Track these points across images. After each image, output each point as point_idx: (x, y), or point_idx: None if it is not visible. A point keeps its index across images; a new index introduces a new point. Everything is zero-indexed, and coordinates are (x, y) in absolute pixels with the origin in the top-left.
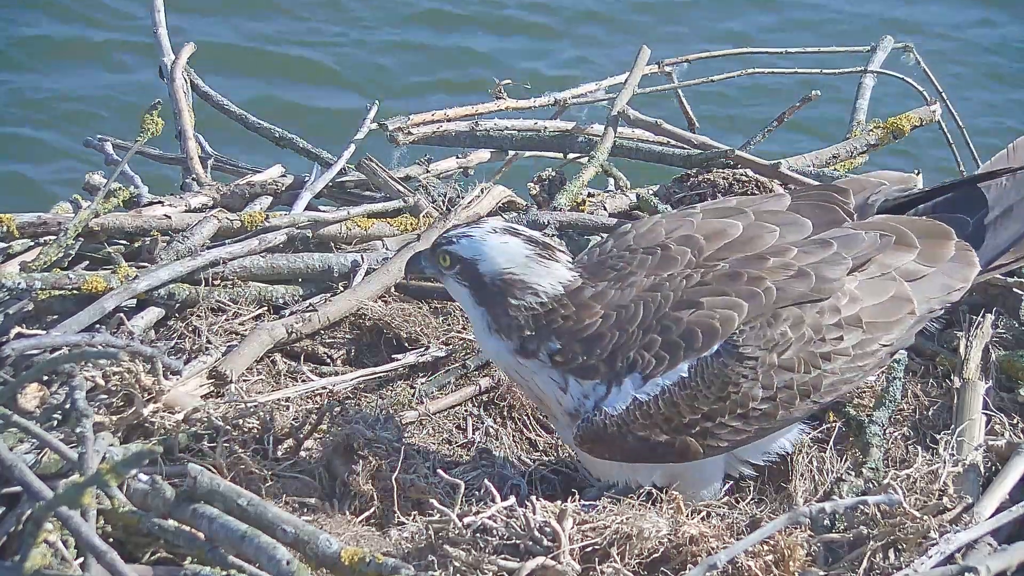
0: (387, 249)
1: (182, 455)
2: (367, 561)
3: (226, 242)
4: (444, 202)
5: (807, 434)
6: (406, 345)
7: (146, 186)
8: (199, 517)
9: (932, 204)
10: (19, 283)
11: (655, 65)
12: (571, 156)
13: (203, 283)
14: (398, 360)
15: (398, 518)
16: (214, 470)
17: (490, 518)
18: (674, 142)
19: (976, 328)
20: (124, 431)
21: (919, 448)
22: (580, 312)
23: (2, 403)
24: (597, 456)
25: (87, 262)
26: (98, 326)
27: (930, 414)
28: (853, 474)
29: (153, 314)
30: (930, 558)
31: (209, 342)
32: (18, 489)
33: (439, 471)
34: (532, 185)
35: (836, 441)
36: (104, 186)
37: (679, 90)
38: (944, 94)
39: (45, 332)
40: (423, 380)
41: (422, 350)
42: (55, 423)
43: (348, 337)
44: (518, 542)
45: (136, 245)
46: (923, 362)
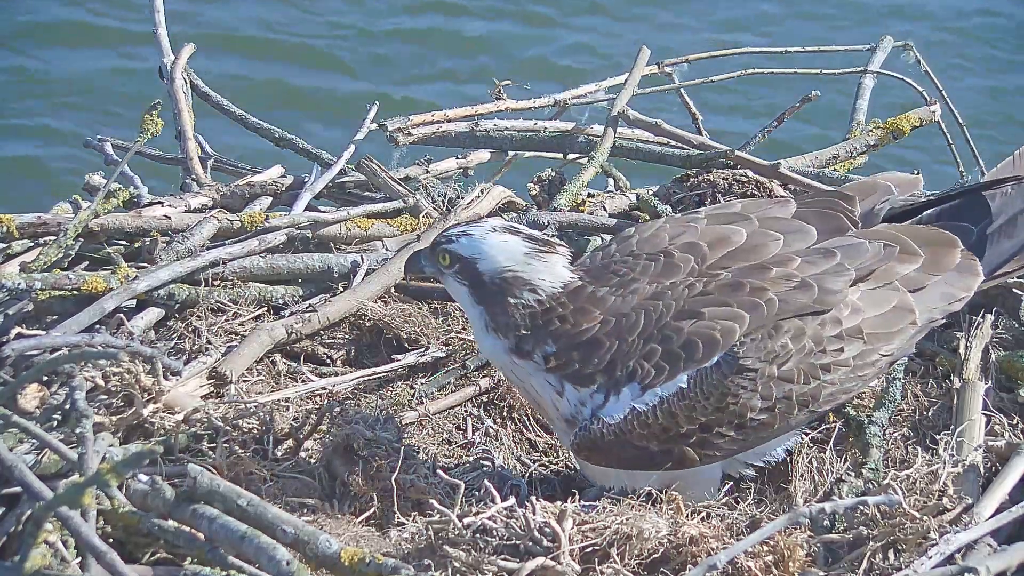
0: (387, 250)
1: (182, 455)
2: (367, 561)
3: (226, 243)
4: (444, 202)
5: (807, 434)
6: (406, 345)
7: (146, 186)
8: (199, 517)
9: (937, 211)
10: (19, 283)
11: (655, 65)
12: (571, 156)
13: (203, 284)
14: (398, 360)
15: (398, 518)
16: (214, 470)
17: (490, 518)
18: (674, 142)
19: (976, 329)
20: (124, 431)
21: (919, 449)
22: (578, 316)
23: (2, 403)
24: (594, 464)
25: (87, 262)
26: (98, 327)
27: (930, 415)
28: (853, 474)
29: (153, 314)
30: (930, 559)
31: (209, 343)
32: (18, 489)
33: (439, 471)
34: (532, 185)
35: (836, 441)
36: (104, 186)
37: (681, 87)
38: (944, 92)
39: (45, 332)
40: (423, 380)
41: (422, 350)
42: (55, 423)
43: (348, 338)
44: (518, 543)
45: (136, 245)
46: (923, 362)
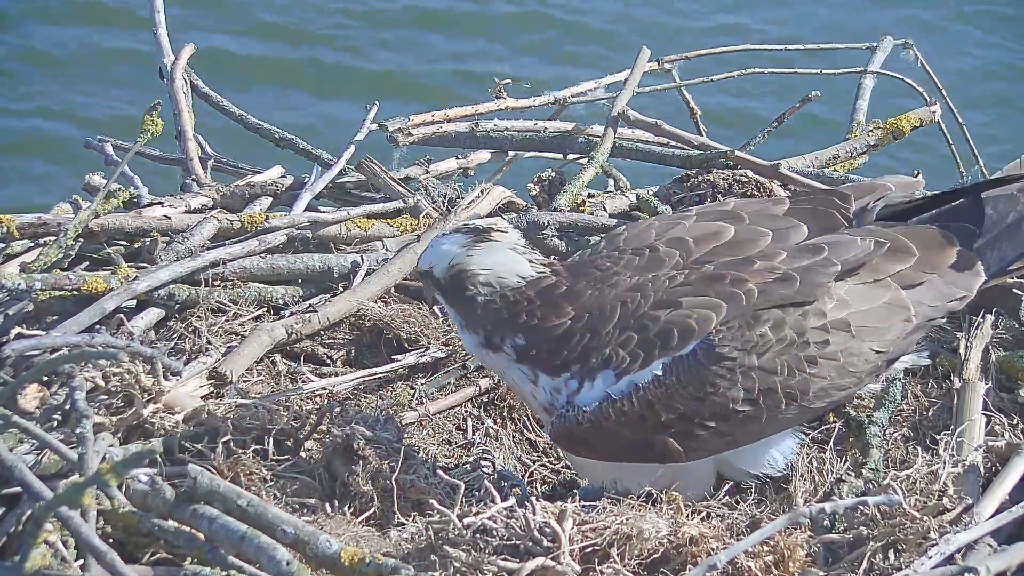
0: (387, 250)
1: (182, 455)
2: (367, 561)
3: (226, 243)
4: (444, 203)
5: (807, 434)
6: (406, 346)
7: (146, 187)
8: (199, 517)
9: (937, 212)
10: (19, 284)
11: (655, 63)
12: (571, 156)
13: (203, 284)
14: (398, 361)
15: (398, 518)
16: (214, 470)
17: (490, 519)
18: (674, 143)
19: (976, 329)
20: (124, 431)
21: (919, 449)
22: (547, 311)
23: (2, 403)
24: (574, 453)
25: (87, 263)
26: (98, 327)
27: (930, 415)
28: (853, 475)
29: (153, 315)
30: (930, 559)
31: (209, 343)
32: (18, 489)
33: (439, 471)
34: (532, 185)
35: (836, 441)
36: (104, 187)
37: (681, 85)
38: (944, 92)
39: (45, 333)
40: (423, 381)
41: (422, 351)
42: (55, 424)
43: (348, 338)
44: (518, 543)
45: (136, 246)
46: None
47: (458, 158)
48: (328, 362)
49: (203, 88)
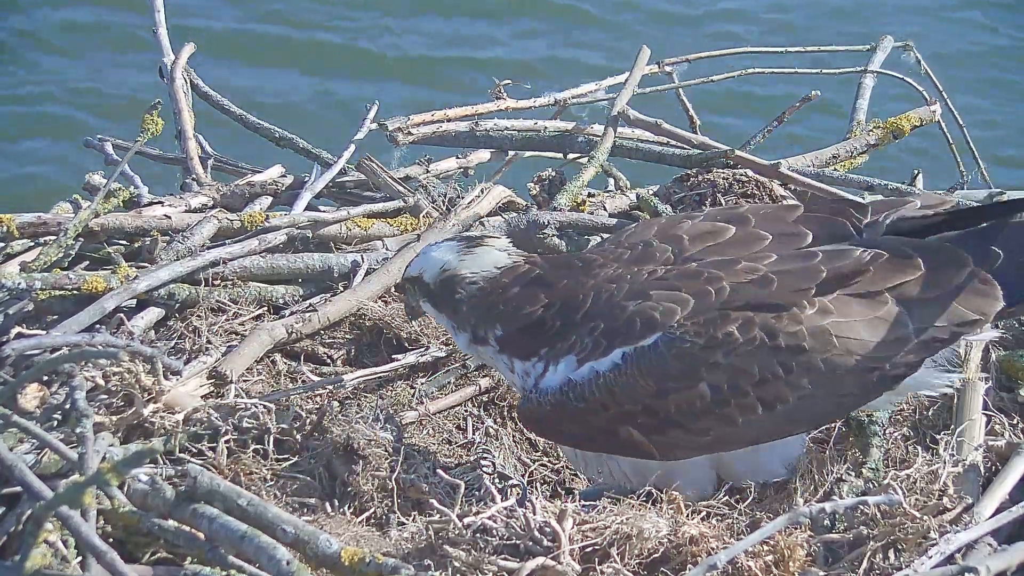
0: (387, 249)
1: (182, 455)
2: (367, 561)
3: (226, 242)
4: (444, 202)
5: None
6: (406, 345)
7: (146, 186)
8: (199, 517)
9: (960, 233)
10: (19, 283)
11: (655, 65)
12: (571, 156)
13: (203, 283)
14: (398, 360)
15: (398, 518)
16: (214, 470)
17: (490, 518)
18: (674, 142)
19: None
20: (124, 431)
21: (919, 448)
22: (521, 299)
23: (2, 403)
24: (543, 437)
25: (87, 262)
26: (98, 326)
27: (930, 414)
28: (853, 474)
29: (153, 314)
30: (930, 558)
31: (209, 342)
32: (18, 489)
33: (439, 471)
34: (532, 185)
35: (836, 441)
36: (104, 186)
37: (679, 89)
38: (944, 93)
39: (45, 332)
40: (423, 380)
41: (422, 350)
42: (55, 423)
43: (348, 337)
44: (518, 542)
45: (136, 245)
46: None
47: (458, 157)
48: (328, 361)
49: (203, 88)
